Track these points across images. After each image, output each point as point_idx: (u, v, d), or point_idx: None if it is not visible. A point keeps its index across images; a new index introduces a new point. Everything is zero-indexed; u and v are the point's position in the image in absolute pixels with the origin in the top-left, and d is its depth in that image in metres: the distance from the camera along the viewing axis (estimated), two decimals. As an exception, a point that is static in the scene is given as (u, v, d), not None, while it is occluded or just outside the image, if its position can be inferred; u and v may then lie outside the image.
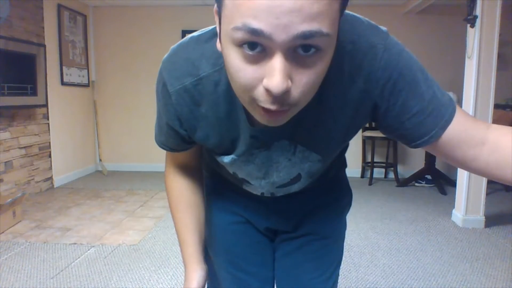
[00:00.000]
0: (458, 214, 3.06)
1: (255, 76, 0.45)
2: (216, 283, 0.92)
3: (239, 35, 0.42)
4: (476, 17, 2.73)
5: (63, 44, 4.14)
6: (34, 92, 3.59)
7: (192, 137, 0.69)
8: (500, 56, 2.85)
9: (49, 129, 3.95)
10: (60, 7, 4.06)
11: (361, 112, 0.62)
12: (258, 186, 0.78)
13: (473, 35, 2.78)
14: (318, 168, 0.73)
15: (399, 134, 0.62)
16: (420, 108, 0.58)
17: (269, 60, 0.43)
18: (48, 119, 3.92)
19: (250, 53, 0.43)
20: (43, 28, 3.79)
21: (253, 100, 0.48)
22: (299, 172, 0.73)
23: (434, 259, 2.40)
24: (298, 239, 0.88)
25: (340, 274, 2.22)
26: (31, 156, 3.70)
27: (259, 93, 0.46)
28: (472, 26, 2.77)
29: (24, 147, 3.59)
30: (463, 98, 2.98)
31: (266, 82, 0.44)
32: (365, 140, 4.50)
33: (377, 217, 3.20)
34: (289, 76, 0.44)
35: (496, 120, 3.29)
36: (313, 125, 0.63)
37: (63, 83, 4.17)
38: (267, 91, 0.44)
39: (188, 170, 0.84)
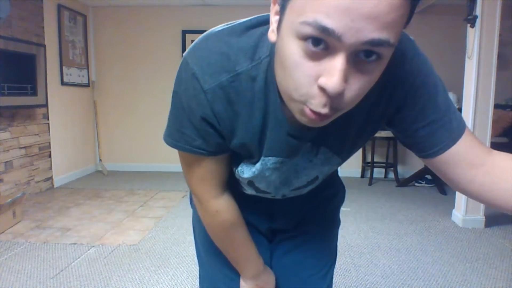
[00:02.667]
0: (458, 214, 3.06)
1: (312, 73, 0.44)
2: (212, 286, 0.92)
3: (307, 30, 0.41)
4: (476, 17, 2.73)
5: (63, 44, 4.14)
6: (34, 92, 3.59)
7: (229, 139, 0.63)
8: (500, 56, 2.85)
9: (49, 129, 3.95)
10: (60, 7, 4.06)
11: (384, 116, 0.63)
12: (273, 193, 0.77)
13: (473, 35, 2.78)
14: (334, 170, 0.74)
15: (411, 142, 0.63)
16: (435, 118, 0.60)
17: (331, 59, 0.42)
18: (48, 119, 3.93)
19: (313, 49, 0.42)
20: (43, 28, 3.79)
21: (302, 101, 0.47)
22: (317, 175, 0.72)
23: (434, 259, 2.40)
24: (296, 238, 0.89)
25: (340, 274, 2.23)
26: (31, 156, 3.70)
27: (312, 92, 0.45)
28: (472, 26, 2.77)
29: (24, 147, 3.59)
30: (463, 98, 2.98)
31: (323, 81, 0.43)
32: (365, 140, 4.50)
33: (377, 217, 3.20)
34: (346, 79, 0.43)
35: (496, 120, 3.29)
36: (341, 127, 0.62)
37: (63, 83, 4.17)
38: (322, 90, 0.44)
39: (226, 186, 0.75)
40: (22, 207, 3.06)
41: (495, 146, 3.18)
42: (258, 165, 0.67)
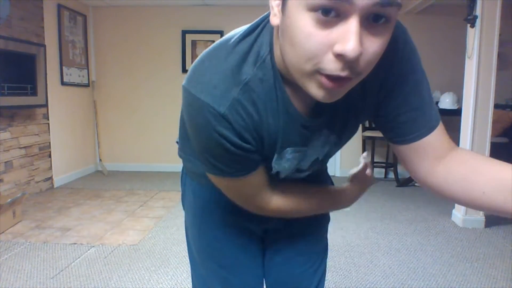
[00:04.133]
0: (458, 214, 3.06)
1: (325, 41, 0.44)
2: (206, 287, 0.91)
3: (318, 0, 0.42)
4: (476, 17, 2.73)
5: (63, 44, 4.14)
6: (34, 92, 3.59)
7: (260, 149, 0.63)
8: (500, 56, 2.85)
9: (49, 129, 3.95)
10: (60, 7, 4.06)
11: (377, 100, 0.64)
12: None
13: (473, 35, 2.78)
14: (333, 152, 0.75)
15: (390, 126, 0.65)
16: (417, 105, 0.62)
17: (343, 24, 0.43)
18: (48, 119, 3.93)
19: (324, 17, 0.43)
20: (43, 28, 3.79)
21: (316, 70, 0.47)
22: (317, 157, 0.73)
23: (434, 259, 2.40)
24: (287, 236, 0.89)
25: (340, 274, 2.22)
26: (31, 156, 3.70)
27: (327, 60, 0.45)
28: (472, 26, 2.77)
29: (24, 147, 3.59)
30: (463, 98, 2.98)
31: (340, 47, 0.43)
32: (365, 140, 4.50)
33: (377, 217, 3.20)
34: (361, 42, 0.44)
35: (496, 120, 3.29)
36: (345, 109, 0.64)
37: (63, 83, 4.17)
38: (339, 56, 0.44)
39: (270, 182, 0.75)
40: (22, 207, 3.06)
41: (495, 146, 3.17)
42: (277, 159, 0.68)
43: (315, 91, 0.50)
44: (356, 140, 4.56)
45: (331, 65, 0.45)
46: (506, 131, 3.83)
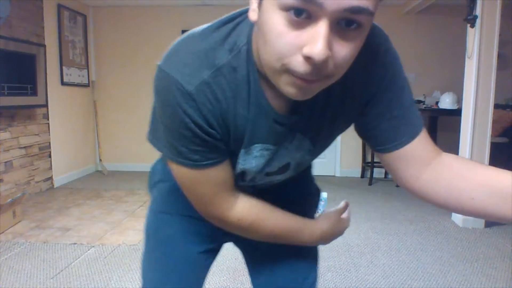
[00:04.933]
0: (458, 214, 3.05)
1: (295, 42, 0.44)
2: None
3: (289, 0, 0.42)
4: (476, 17, 2.73)
5: (63, 44, 4.14)
6: (34, 92, 3.59)
7: (226, 138, 0.61)
8: (500, 56, 2.85)
9: (49, 129, 3.95)
10: (60, 7, 4.06)
11: (357, 108, 0.64)
12: (247, 181, 0.73)
13: (473, 35, 2.78)
14: (306, 160, 0.73)
15: (373, 134, 0.65)
16: (399, 113, 0.62)
17: (313, 27, 0.43)
18: (48, 119, 3.92)
19: (296, 18, 0.43)
20: (43, 28, 3.79)
21: (286, 70, 0.47)
22: (289, 161, 0.71)
23: (434, 259, 2.40)
24: (271, 248, 0.83)
25: (340, 274, 2.22)
26: (31, 156, 3.69)
27: (296, 62, 0.45)
28: (472, 26, 2.77)
29: (24, 147, 3.59)
30: (463, 98, 2.98)
31: (308, 49, 0.43)
32: (365, 140, 4.50)
33: (377, 217, 3.20)
34: (330, 46, 0.44)
35: (496, 120, 3.29)
36: (319, 113, 0.63)
37: (63, 83, 4.17)
38: (307, 59, 0.44)
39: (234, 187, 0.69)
40: (22, 207, 3.06)
41: (495, 146, 3.18)
42: (244, 155, 0.65)
43: (286, 88, 0.50)
44: (356, 140, 4.56)
45: (300, 68, 0.45)
46: (506, 131, 3.83)
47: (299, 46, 0.44)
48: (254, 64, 0.56)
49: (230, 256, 2.34)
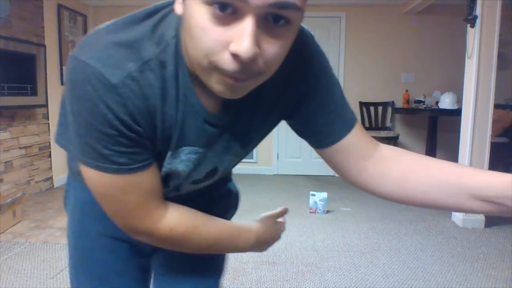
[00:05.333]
0: (458, 214, 3.06)
1: (222, 39, 0.42)
2: None
3: None
4: (476, 17, 2.73)
5: (63, 44, 4.14)
6: (34, 92, 3.58)
7: (153, 139, 0.55)
8: (500, 56, 2.85)
9: (49, 129, 3.95)
10: (60, 7, 4.06)
11: (287, 107, 0.64)
12: (171, 188, 0.68)
13: (473, 35, 2.78)
14: (233, 163, 0.71)
15: (309, 131, 0.65)
16: (332, 108, 0.63)
17: (239, 23, 0.41)
18: (48, 119, 3.92)
19: (220, 13, 0.41)
20: (43, 28, 3.79)
21: (214, 67, 0.44)
22: (216, 166, 0.67)
23: (434, 259, 2.40)
24: (176, 253, 0.81)
25: (340, 274, 2.22)
26: (31, 156, 3.69)
27: (223, 59, 0.43)
28: (472, 26, 2.77)
29: (24, 147, 3.59)
30: (463, 98, 2.98)
31: (234, 47, 0.41)
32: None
33: (377, 217, 3.20)
34: (257, 43, 0.42)
35: (496, 120, 3.29)
36: (250, 113, 0.61)
37: (63, 83, 4.17)
38: (234, 56, 0.42)
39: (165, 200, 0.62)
40: (22, 207, 3.06)
41: (495, 146, 3.18)
42: (170, 158, 0.59)
43: (215, 86, 0.47)
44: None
45: (228, 66, 0.43)
46: (506, 131, 3.83)
47: (225, 42, 0.42)
48: (183, 59, 0.51)
49: (230, 256, 2.34)
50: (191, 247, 0.65)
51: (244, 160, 0.74)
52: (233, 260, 2.30)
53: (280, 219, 0.84)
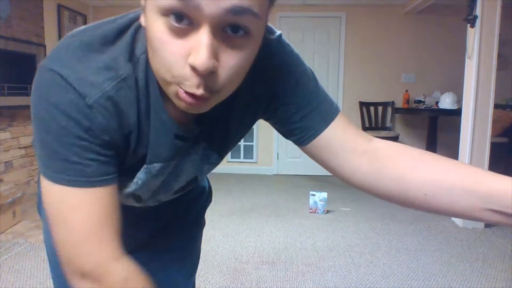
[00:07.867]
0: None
1: (180, 52, 0.41)
2: None
3: (165, 1, 0.39)
4: (476, 17, 2.73)
5: (63, 44, 4.14)
6: (34, 92, 3.58)
7: (123, 155, 0.54)
8: (500, 56, 2.85)
9: (49, 129, 3.94)
10: (60, 7, 4.07)
11: (260, 109, 0.62)
12: (149, 200, 0.68)
13: (473, 35, 2.78)
14: (211, 170, 0.70)
15: (288, 129, 0.63)
16: (306, 102, 0.60)
17: (195, 34, 0.40)
18: (48, 119, 3.92)
19: (177, 25, 0.40)
20: (43, 28, 3.79)
21: (176, 82, 0.43)
22: (196, 175, 0.67)
23: (434, 259, 2.40)
24: (157, 246, 0.80)
25: (340, 274, 2.22)
26: (31, 156, 3.69)
27: (184, 73, 0.42)
28: (472, 26, 2.77)
29: (24, 147, 3.59)
30: (463, 98, 2.98)
31: (191, 59, 0.40)
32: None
33: (377, 217, 3.20)
34: (216, 55, 0.41)
35: (496, 120, 3.29)
36: (225, 122, 0.60)
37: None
38: (193, 69, 0.41)
39: (118, 235, 0.53)
40: (22, 207, 3.06)
41: (495, 146, 3.18)
42: (141, 175, 0.59)
43: (176, 101, 0.46)
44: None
45: (189, 81, 0.42)
46: (506, 131, 3.83)
47: (184, 56, 0.41)
48: (153, 74, 0.50)
49: (230, 256, 2.35)
50: None
51: (244, 160, 0.74)
52: (233, 260, 2.30)
53: None
